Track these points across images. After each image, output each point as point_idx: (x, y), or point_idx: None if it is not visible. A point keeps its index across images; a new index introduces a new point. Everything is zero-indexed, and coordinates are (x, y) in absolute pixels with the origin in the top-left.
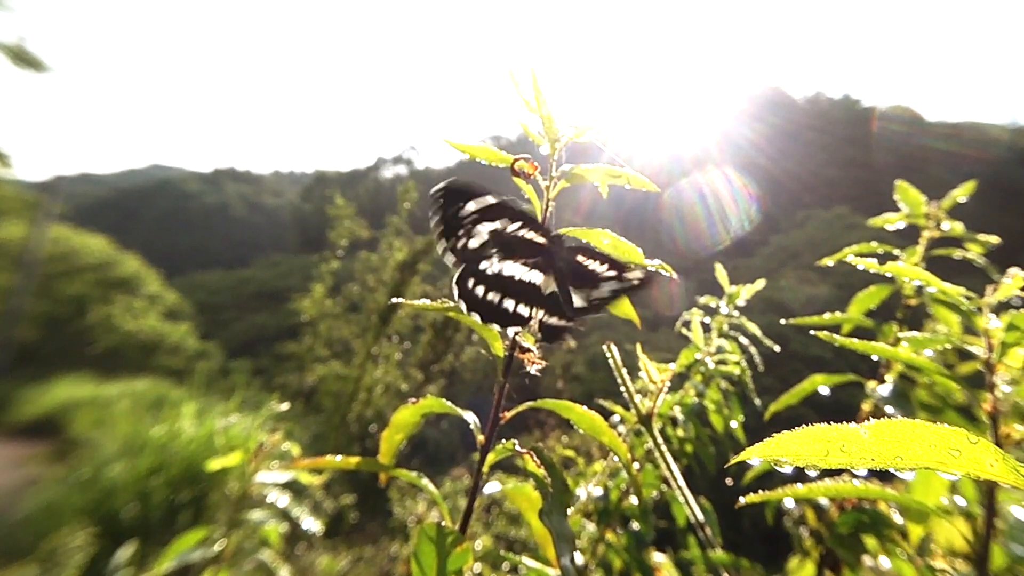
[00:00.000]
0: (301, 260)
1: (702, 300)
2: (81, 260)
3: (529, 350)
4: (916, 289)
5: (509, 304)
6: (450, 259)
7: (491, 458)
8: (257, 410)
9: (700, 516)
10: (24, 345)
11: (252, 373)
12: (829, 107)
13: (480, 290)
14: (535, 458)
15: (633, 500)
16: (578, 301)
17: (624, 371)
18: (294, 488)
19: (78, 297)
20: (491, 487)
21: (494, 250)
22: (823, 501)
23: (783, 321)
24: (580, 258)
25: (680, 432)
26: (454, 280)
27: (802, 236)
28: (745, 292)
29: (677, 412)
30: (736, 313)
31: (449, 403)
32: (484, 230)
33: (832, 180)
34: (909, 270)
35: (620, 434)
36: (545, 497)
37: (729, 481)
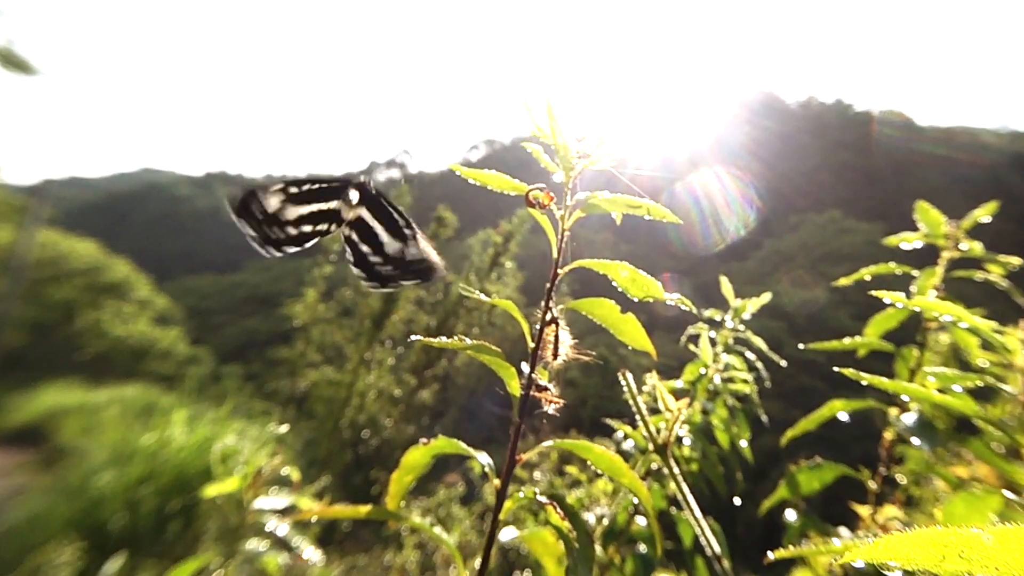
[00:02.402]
0: (293, 264)
1: (707, 313)
2: (70, 265)
3: (546, 388)
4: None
5: (314, 228)
6: (249, 232)
7: (508, 505)
8: (249, 417)
9: (716, 548)
10: (11, 351)
11: (243, 378)
12: (822, 111)
13: (282, 234)
14: (558, 509)
15: (640, 521)
16: (390, 245)
17: (639, 398)
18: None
19: (67, 302)
20: (507, 533)
21: (291, 205)
22: None
23: (801, 346)
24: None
25: (686, 451)
26: (257, 239)
27: (796, 240)
28: (752, 306)
29: (683, 430)
30: (742, 327)
31: (462, 444)
32: (276, 199)
33: (825, 184)
34: (939, 305)
35: (624, 452)
36: (570, 552)
37: (737, 500)
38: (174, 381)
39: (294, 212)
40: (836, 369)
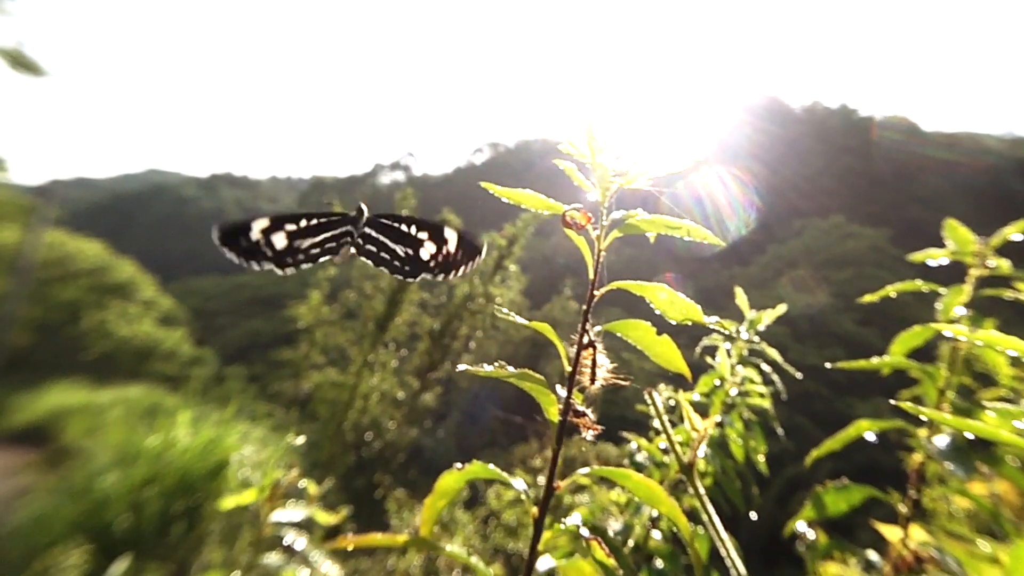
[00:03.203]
0: None
1: (713, 322)
2: (76, 265)
3: (584, 414)
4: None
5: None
6: (275, 267)
7: (547, 536)
8: (253, 419)
9: (741, 569)
10: (17, 351)
11: (247, 380)
12: (826, 116)
13: (300, 256)
14: (603, 545)
15: (656, 535)
16: (400, 251)
17: (665, 417)
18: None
19: (72, 302)
20: (544, 563)
21: (301, 240)
22: None
23: (828, 365)
24: (391, 222)
25: (701, 464)
26: (275, 263)
27: (799, 245)
28: (767, 317)
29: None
30: (757, 339)
31: (496, 469)
32: (279, 238)
33: (829, 189)
34: (1007, 340)
35: (638, 464)
36: None
37: (754, 515)
38: (178, 382)
39: (307, 243)
40: (895, 403)
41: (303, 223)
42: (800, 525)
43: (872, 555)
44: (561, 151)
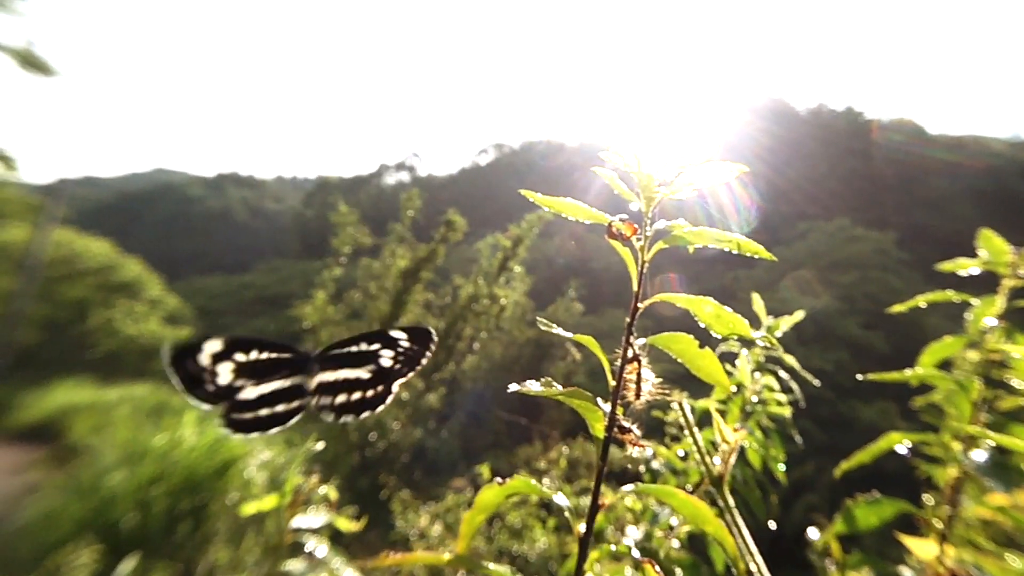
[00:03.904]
0: (302, 266)
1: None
2: (83, 264)
3: (630, 430)
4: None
5: (280, 408)
6: (203, 403)
7: (594, 556)
8: None
9: None
10: (25, 348)
11: None
12: (832, 119)
13: (248, 415)
14: (656, 567)
15: (674, 543)
16: (363, 374)
17: (696, 429)
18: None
19: (79, 301)
20: None
21: (245, 379)
22: None
23: (859, 377)
24: (341, 350)
25: (713, 470)
26: (223, 418)
27: (804, 247)
28: (785, 324)
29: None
30: (775, 344)
31: (536, 483)
32: (225, 369)
33: (834, 191)
34: None
35: (654, 471)
36: None
37: (773, 525)
38: None
39: (251, 391)
40: (914, 409)
41: (254, 354)
42: (812, 532)
43: (907, 573)
44: (602, 159)
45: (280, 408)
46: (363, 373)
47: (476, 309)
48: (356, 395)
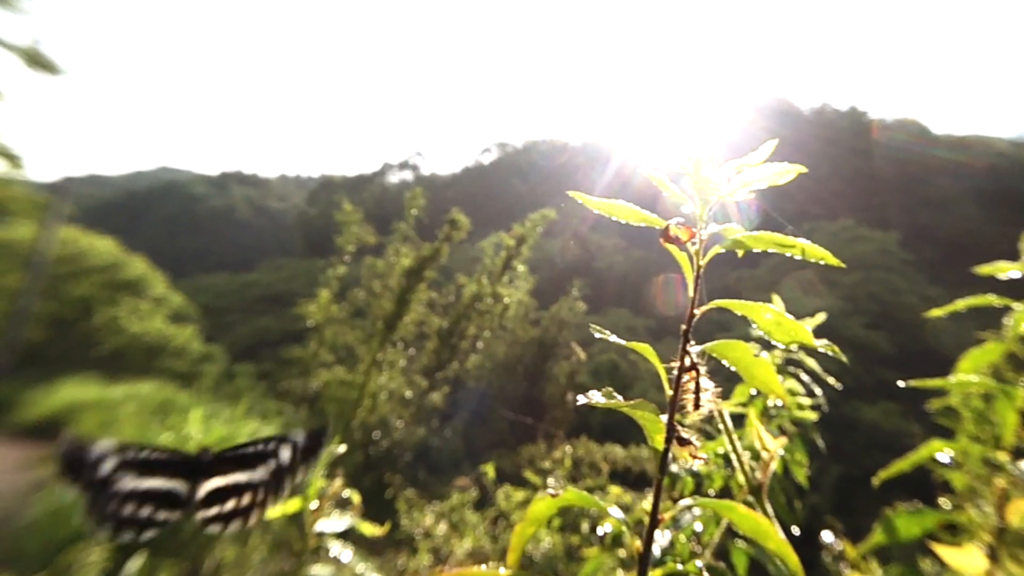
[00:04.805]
0: (306, 264)
1: (756, 333)
2: (89, 261)
3: (689, 442)
4: None
5: (147, 512)
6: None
7: (656, 574)
8: (264, 416)
9: None
10: (30, 346)
11: (256, 377)
12: (835, 118)
13: (122, 511)
14: None
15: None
16: (260, 474)
17: (735, 436)
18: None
19: (85, 298)
20: None
21: (126, 472)
22: None
23: (900, 384)
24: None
25: (741, 479)
26: (91, 511)
27: None
28: (808, 326)
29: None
30: (794, 347)
31: (592, 497)
32: (108, 464)
33: (837, 192)
34: None
35: (674, 475)
36: None
37: (796, 531)
38: (189, 379)
39: (133, 484)
40: (929, 411)
41: (144, 453)
42: (826, 535)
43: None
44: (658, 162)
45: (159, 514)
46: (260, 473)
47: (479, 308)
48: (247, 499)
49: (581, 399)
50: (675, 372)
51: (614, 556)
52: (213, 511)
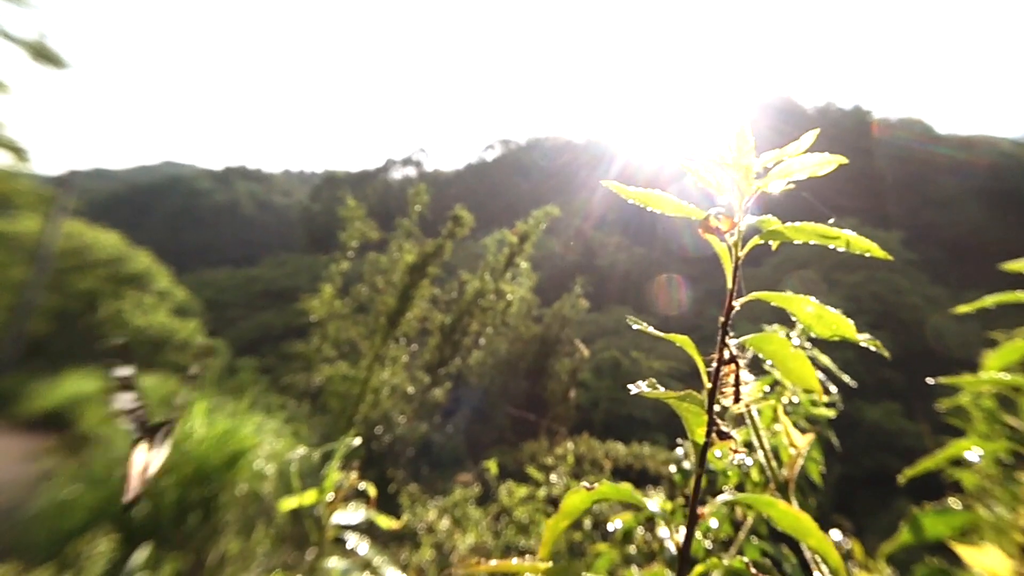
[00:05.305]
0: (308, 260)
1: (770, 329)
2: (93, 255)
3: (729, 436)
4: None
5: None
6: None
7: (699, 570)
8: (267, 411)
9: None
10: (35, 338)
11: (258, 372)
12: (840, 117)
13: None
14: None
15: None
16: None
17: (761, 431)
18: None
19: (89, 292)
20: None
21: None
22: None
23: (929, 380)
24: None
25: (755, 475)
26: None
27: (809, 246)
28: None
29: (749, 458)
30: (809, 344)
31: (629, 490)
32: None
33: (841, 191)
34: None
35: (685, 472)
36: None
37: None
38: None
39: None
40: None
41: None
42: (833, 534)
43: None
44: (682, 153)
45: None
46: None
47: (482, 305)
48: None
49: (633, 388)
50: (713, 365)
51: (625, 552)
52: None
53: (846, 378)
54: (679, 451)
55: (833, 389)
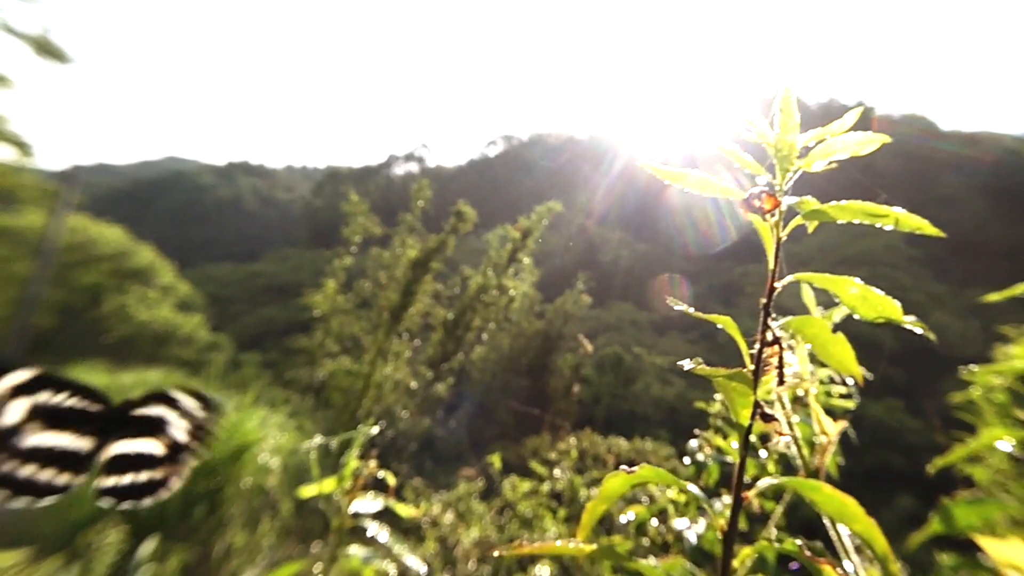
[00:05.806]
0: (311, 255)
1: (783, 321)
2: (97, 250)
3: (774, 418)
4: None
5: (49, 474)
6: None
7: (747, 552)
8: (272, 405)
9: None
10: (40, 333)
11: (262, 367)
12: (842, 113)
13: (20, 469)
14: (839, 568)
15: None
16: (158, 447)
17: (794, 420)
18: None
19: (94, 286)
20: None
21: (34, 423)
22: None
23: (970, 368)
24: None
25: (772, 467)
26: None
27: (814, 242)
28: (837, 316)
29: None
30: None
31: (666, 472)
32: (19, 406)
33: (844, 187)
34: None
35: (700, 463)
36: None
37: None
38: (195, 367)
39: (38, 440)
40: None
41: (62, 397)
42: (842, 528)
43: None
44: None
45: (60, 477)
46: (158, 447)
47: (485, 300)
48: (145, 476)
49: (684, 363)
50: (756, 347)
51: (639, 544)
52: (111, 481)
53: (859, 371)
54: (693, 443)
55: (850, 381)
